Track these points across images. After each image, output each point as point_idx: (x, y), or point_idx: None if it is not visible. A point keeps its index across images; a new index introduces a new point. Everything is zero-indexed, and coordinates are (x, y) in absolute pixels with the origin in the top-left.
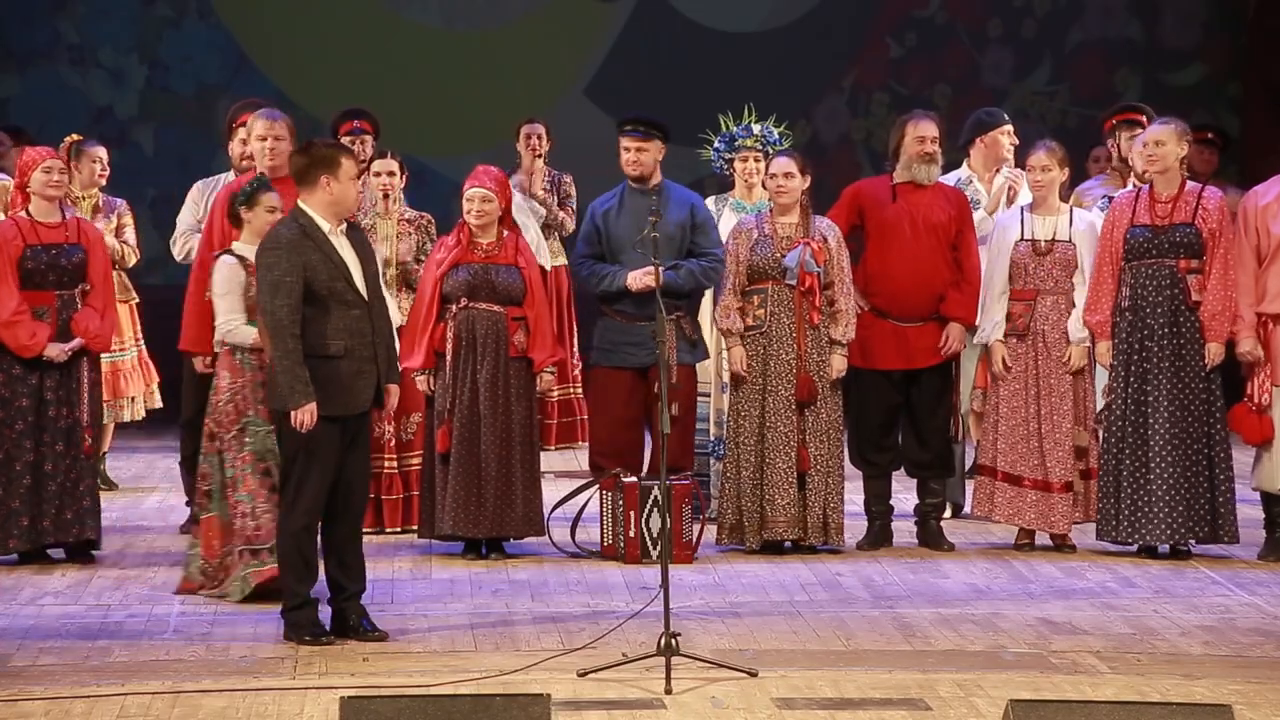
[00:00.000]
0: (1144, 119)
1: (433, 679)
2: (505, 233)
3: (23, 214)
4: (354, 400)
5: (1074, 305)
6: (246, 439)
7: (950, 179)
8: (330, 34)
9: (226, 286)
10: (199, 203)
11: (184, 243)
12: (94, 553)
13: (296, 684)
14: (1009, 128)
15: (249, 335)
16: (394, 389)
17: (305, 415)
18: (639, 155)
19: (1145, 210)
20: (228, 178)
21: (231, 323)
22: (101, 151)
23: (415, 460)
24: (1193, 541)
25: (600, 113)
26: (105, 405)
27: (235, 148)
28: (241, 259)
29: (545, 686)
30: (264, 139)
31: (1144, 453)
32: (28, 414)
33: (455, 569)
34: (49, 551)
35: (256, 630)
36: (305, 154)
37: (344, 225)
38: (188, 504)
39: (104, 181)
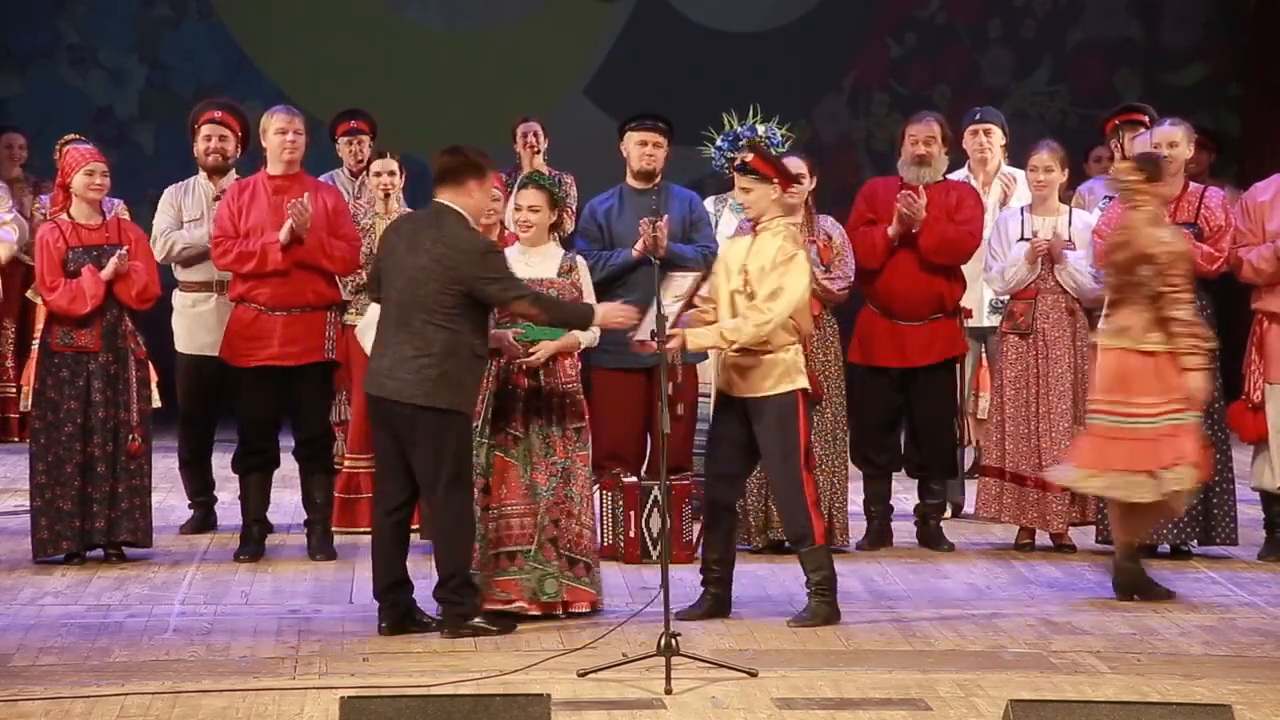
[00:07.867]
0: (1146, 119)
1: (433, 679)
2: (506, 232)
3: (64, 216)
4: None
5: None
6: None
7: (954, 179)
8: (330, 34)
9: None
10: (173, 205)
11: (164, 243)
12: (126, 551)
13: (296, 684)
14: (975, 126)
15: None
16: None
17: (614, 314)
18: (655, 150)
19: None
20: (199, 180)
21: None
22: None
23: None
24: (1194, 542)
25: (600, 112)
26: None
27: (200, 145)
28: None
29: (545, 686)
30: (284, 132)
31: None
32: (76, 416)
33: None
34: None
35: (256, 630)
36: (459, 155)
37: None
38: (189, 505)
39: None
